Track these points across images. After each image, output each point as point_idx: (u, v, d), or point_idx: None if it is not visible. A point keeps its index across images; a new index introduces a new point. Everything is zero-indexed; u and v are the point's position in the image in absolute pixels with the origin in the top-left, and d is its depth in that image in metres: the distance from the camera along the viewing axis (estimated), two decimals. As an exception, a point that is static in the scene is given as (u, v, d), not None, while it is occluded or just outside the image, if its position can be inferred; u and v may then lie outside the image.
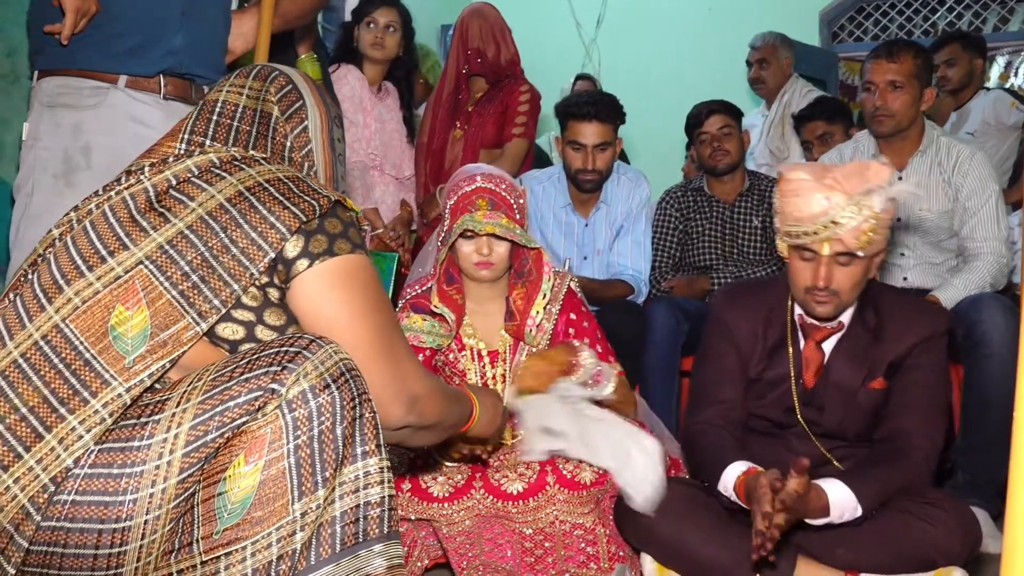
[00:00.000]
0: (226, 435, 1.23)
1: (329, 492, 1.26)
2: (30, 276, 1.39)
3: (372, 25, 3.65)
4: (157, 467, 1.21)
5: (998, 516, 2.61)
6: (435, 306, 2.46)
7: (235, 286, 1.34)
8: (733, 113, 3.66)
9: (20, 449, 1.24)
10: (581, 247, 3.46)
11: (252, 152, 1.48)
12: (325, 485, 1.25)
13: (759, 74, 4.89)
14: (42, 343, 1.30)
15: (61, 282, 1.34)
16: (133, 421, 1.25)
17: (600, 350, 2.48)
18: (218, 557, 1.23)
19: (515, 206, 2.42)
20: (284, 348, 1.27)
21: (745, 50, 5.05)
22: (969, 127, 4.55)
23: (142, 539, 1.22)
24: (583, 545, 2.22)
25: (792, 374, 2.21)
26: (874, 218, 1.99)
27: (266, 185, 1.39)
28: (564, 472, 2.20)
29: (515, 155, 3.78)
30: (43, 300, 1.33)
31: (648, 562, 2.18)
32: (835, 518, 1.98)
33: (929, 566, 2.02)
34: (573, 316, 2.51)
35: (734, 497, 2.06)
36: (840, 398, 2.17)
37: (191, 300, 1.32)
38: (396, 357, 1.42)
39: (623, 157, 5.42)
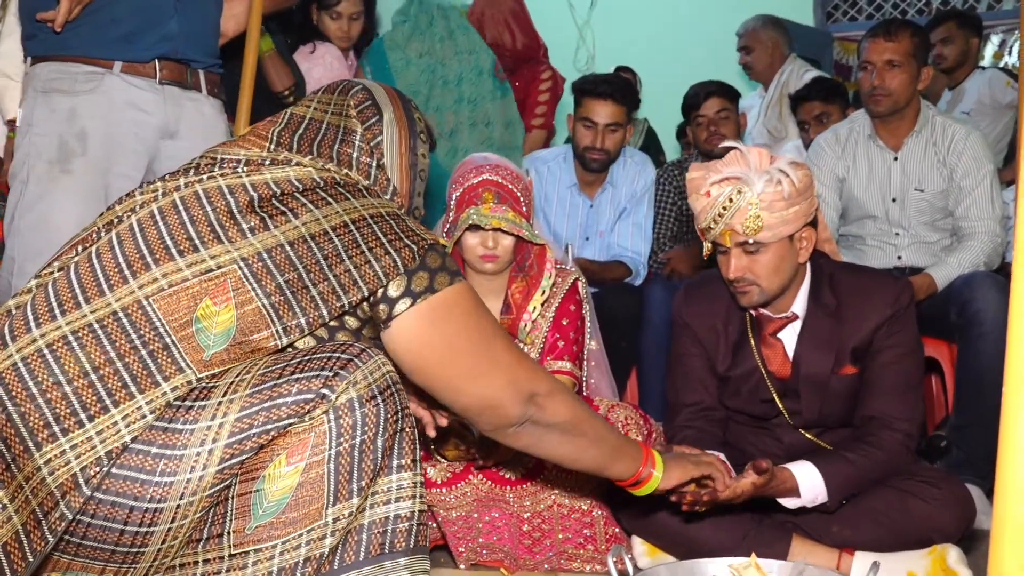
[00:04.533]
0: (272, 433, 1.23)
1: (363, 501, 1.27)
2: (105, 235, 1.37)
3: (337, 17, 3.53)
4: (198, 453, 1.22)
5: (992, 492, 2.63)
6: None
7: (324, 311, 1.33)
8: (730, 95, 3.63)
9: (83, 416, 1.23)
10: (584, 227, 3.47)
11: (349, 173, 1.47)
12: (360, 494, 1.26)
13: (746, 60, 4.91)
14: (121, 315, 1.28)
15: (149, 259, 1.32)
16: (178, 403, 1.25)
17: (562, 346, 2.50)
18: (247, 552, 1.24)
19: (521, 198, 2.41)
20: (336, 354, 1.28)
21: (740, 31, 5.05)
22: (964, 106, 4.54)
23: (171, 523, 1.22)
24: (580, 527, 2.24)
25: (760, 367, 2.21)
26: (753, 203, 2.00)
27: (370, 221, 1.39)
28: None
29: (532, 147, 3.81)
30: (127, 272, 1.31)
31: (638, 544, 2.19)
32: (807, 502, 2.00)
33: (924, 543, 2.03)
34: (565, 322, 2.52)
35: None
36: (814, 388, 2.17)
37: (280, 313, 1.32)
38: (502, 365, 1.44)
39: (655, 142, 5.44)
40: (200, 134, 2.31)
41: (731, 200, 2.01)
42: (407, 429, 1.32)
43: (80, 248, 1.38)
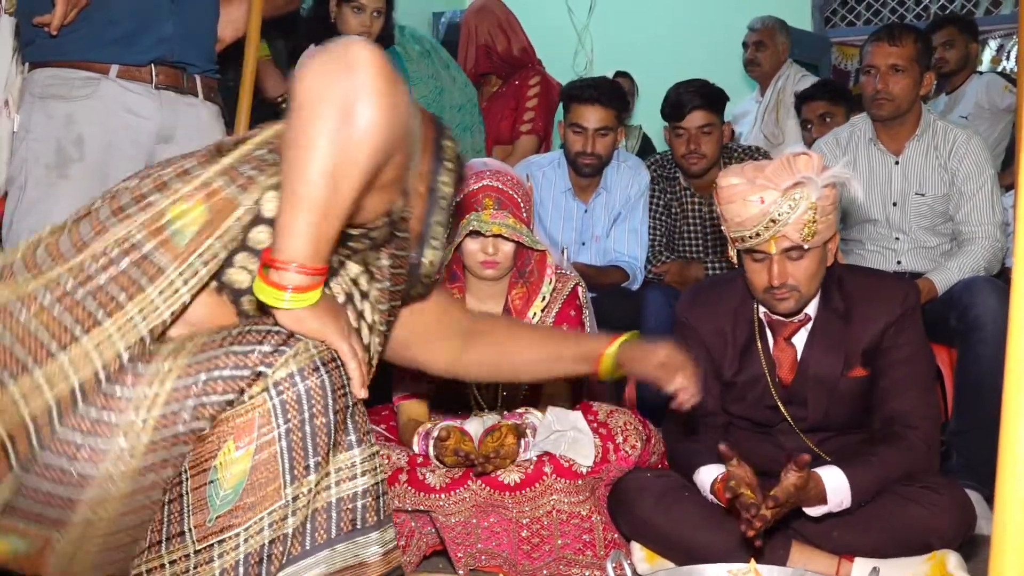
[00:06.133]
0: (207, 408, 1.22)
1: (322, 477, 1.26)
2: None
3: (359, 11, 3.46)
4: (131, 422, 1.21)
5: (992, 498, 2.62)
6: None
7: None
8: (716, 106, 3.38)
9: (78, 331, 1.23)
10: (580, 232, 3.46)
11: None
12: (317, 470, 1.24)
13: (755, 56, 4.90)
14: (107, 251, 1.28)
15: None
16: (120, 370, 1.24)
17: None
18: (211, 545, 1.23)
19: (522, 204, 2.41)
20: (277, 327, 1.26)
21: (739, 35, 5.05)
22: (963, 110, 4.55)
23: (98, 489, 1.21)
24: (579, 533, 2.23)
25: (767, 373, 2.21)
26: (812, 208, 1.99)
27: None
28: (561, 462, 2.21)
29: (524, 152, 3.80)
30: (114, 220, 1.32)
31: (637, 550, 2.19)
32: (833, 507, 1.98)
33: (924, 549, 2.03)
34: (565, 327, 2.51)
35: (713, 499, 2.07)
36: (822, 391, 2.17)
37: (240, 184, 1.32)
38: None
39: (651, 149, 5.46)
40: (196, 139, 2.31)
41: (790, 206, 2.00)
42: (359, 403, 1.30)
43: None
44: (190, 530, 1.23)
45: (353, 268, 1.47)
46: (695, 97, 3.36)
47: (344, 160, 1.21)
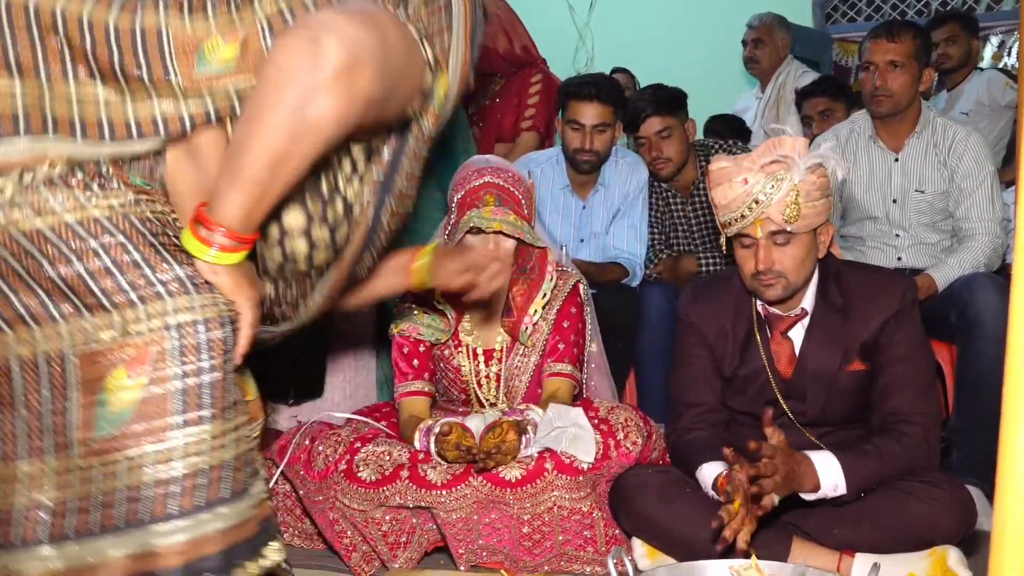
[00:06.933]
0: (94, 261, 1.22)
1: (219, 433, 1.25)
2: None
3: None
4: (42, 200, 1.22)
5: (993, 494, 2.62)
6: (437, 301, 2.46)
7: None
8: (672, 108, 3.38)
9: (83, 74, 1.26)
10: (579, 229, 3.46)
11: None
12: (212, 421, 1.24)
13: (753, 53, 4.91)
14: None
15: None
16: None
17: (562, 348, 2.51)
18: (92, 466, 1.23)
19: (523, 201, 2.41)
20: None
21: (739, 33, 5.05)
22: (963, 107, 4.55)
23: None
24: (580, 529, 2.24)
25: (767, 367, 2.21)
26: (794, 190, 2.00)
27: None
28: (562, 458, 2.22)
29: (525, 149, 3.79)
30: None
31: (639, 546, 2.19)
32: (828, 492, 1.99)
33: (925, 545, 2.03)
34: (566, 324, 2.52)
35: (714, 495, 2.07)
36: (820, 385, 2.18)
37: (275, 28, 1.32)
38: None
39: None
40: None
41: (772, 186, 2.01)
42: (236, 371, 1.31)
43: None
44: (74, 443, 1.23)
45: (355, 149, 1.47)
46: (647, 105, 3.39)
47: (290, 148, 1.23)
